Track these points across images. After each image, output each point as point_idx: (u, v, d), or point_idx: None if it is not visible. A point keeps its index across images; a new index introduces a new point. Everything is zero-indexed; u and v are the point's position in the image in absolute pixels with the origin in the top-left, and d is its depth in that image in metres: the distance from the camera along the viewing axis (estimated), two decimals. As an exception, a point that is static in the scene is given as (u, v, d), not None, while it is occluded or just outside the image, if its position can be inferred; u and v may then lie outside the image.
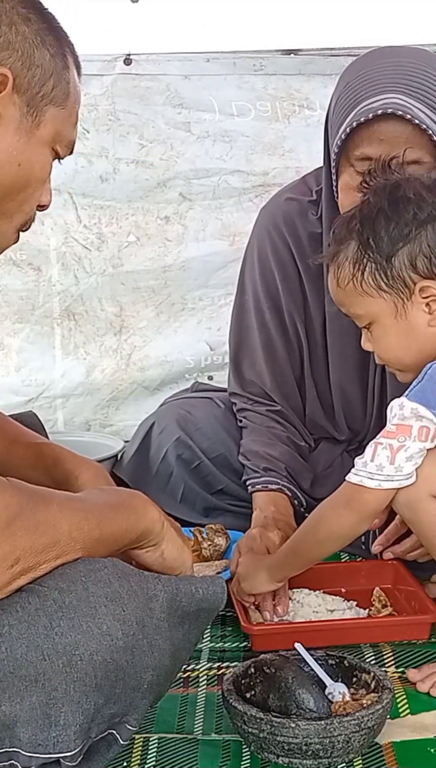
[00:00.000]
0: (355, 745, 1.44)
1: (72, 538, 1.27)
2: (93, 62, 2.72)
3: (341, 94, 1.97)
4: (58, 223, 2.82)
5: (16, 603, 1.20)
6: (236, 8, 2.70)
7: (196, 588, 1.32)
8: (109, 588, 1.23)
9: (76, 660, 1.19)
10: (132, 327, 2.91)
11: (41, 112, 1.39)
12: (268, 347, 2.25)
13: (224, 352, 2.86)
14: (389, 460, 1.56)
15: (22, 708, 1.19)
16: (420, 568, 1.98)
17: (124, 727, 1.28)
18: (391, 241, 1.58)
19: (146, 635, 1.25)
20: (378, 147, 1.87)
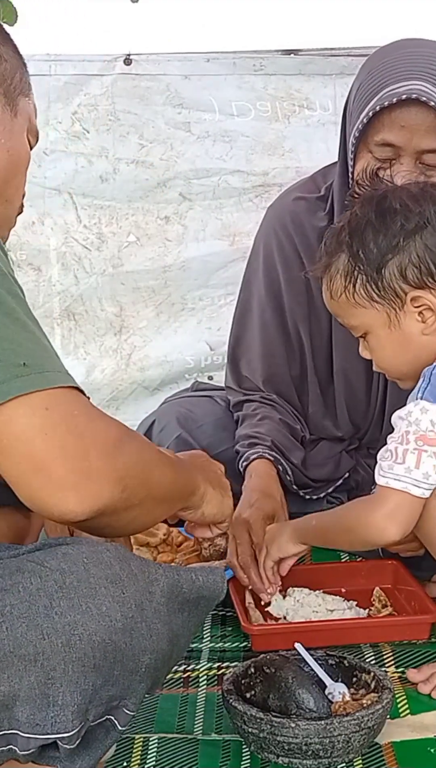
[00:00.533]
0: (355, 745, 1.44)
1: (159, 487, 1.37)
2: (93, 62, 2.72)
3: (363, 81, 1.98)
4: (58, 223, 2.82)
5: (18, 583, 1.21)
6: (236, 8, 2.70)
7: (197, 575, 1.33)
8: (109, 570, 1.24)
9: (75, 640, 1.20)
10: (132, 327, 2.91)
11: (15, 102, 1.48)
12: (266, 345, 2.25)
13: (224, 352, 2.86)
14: (415, 464, 1.52)
15: (20, 687, 1.19)
16: (420, 568, 1.98)
17: (122, 712, 1.28)
18: (380, 252, 1.59)
19: (145, 618, 1.25)
20: (399, 133, 1.88)
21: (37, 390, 1.21)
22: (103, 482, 1.24)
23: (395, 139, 1.88)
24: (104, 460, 1.24)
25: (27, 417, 1.21)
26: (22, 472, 1.22)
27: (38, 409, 1.21)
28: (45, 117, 2.74)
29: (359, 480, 2.27)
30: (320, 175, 2.26)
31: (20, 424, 1.21)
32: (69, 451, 1.22)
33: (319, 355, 2.24)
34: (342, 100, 2.73)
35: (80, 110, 2.76)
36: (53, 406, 1.22)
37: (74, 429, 1.23)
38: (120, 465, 1.27)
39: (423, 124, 1.88)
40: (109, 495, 1.25)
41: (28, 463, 1.21)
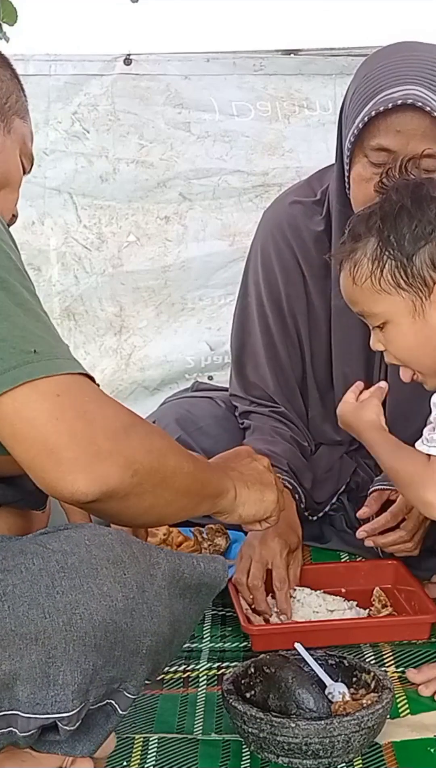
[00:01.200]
0: (355, 744, 1.44)
1: (175, 477, 1.37)
2: (93, 62, 2.72)
3: (358, 85, 1.97)
4: (58, 223, 2.83)
5: (20, 564, 1.22)
6: (236, 8, 2.70)
7: (198, 562, 1.34)
8: (111, 552, 1.25)
9: (76, 619, 1.20)
10: (132, 327, 2.91)
11: (10, 120, 1.55)
12: (270, 350, 2.25)
13: (224, 352, 2.86)
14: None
15: (21, 666, 1.20)
16: (420, 568, 1.98)
17: (123, 695, 1.28)
18: (413, 239, 1.57)
19: (146, 600, 1.26)
20: (395, 138, 1.88)
21: (47, 376, 1.24)
22: (112, 464, 1.26)
23: (390, 144, 1.87)
24: (113, 443, 1.27)
25: (38, 402, 1.23)
26: (33, 456, 1.25)
27: (49, 395, 1.24)
28: (45, 117, 2.74)
29: (359, 481, 2.27)
30: (315, 179, 2.25)
31: (32, 409, 1.23)
32: (79, 435, 1.24)
33: (318, 359, 2.23)
34: (342, 100, 2.74)
35: (80, 110, 2.76)
36: (64, 392, 1.24)
37: (84, 414, 1.25)
38: (130, 449, 1.29)
39: (419, 128, 1.87)
40: (118, 477, 1.27)
41: (39, 447, 1.24)
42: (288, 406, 2.25)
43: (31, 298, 1.29)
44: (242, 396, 2.31)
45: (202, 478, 1.47)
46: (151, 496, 1.34)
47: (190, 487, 1.44)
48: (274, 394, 2.25)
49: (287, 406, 2.25)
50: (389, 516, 1.92)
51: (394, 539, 1.92)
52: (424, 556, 2.02)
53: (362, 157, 1.93)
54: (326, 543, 2.23)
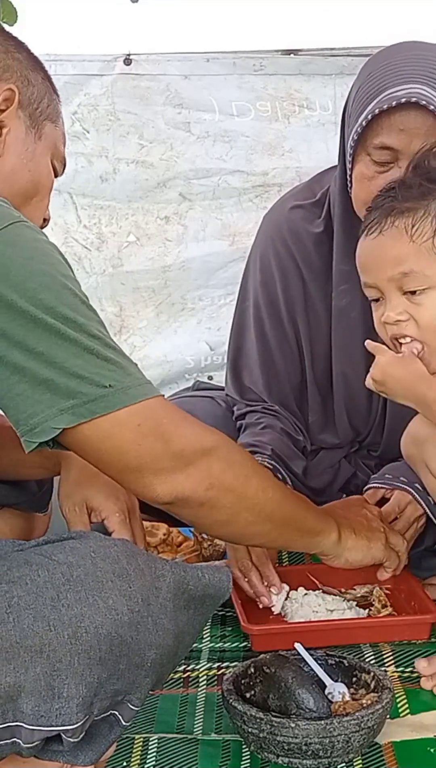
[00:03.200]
0: (355, 745, 1.44)
1: (257, 500, 1.49)
2: (93, 62, 2.72)
3: (362, 83, 1.98)
4: (58, 223, 2.82)
5: (25, 576, 1.22)
6: (236, 8, 2.70)
7: (203, 573, 1.35)
8: (117, 564, 1.25)
9: (81, 632, 1.21)
10: (132, 327, 2.91)
11: (41, 126, 1.56)
12: (265, 356, 2.25)
13: (224, 351, 2.85)
14: None
15: (26, 678, 1.20)
16: (420, 568, 1.98)
17: (127, 707, 1.29)
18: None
19: (151, 613, 1.26)
20: (398, 137, 1.88)
21: (126, 406, 1.33)
22: (187, 476, 1.38)
23: (393, 143, 1.87)
24: (189, 459, 1.38)
25: (121, 432, 1.34)
26: (118, 472, 1.38)
27: (130, 426, 1.34)
28: (45, 117, 2.74)
29: (359, 483, 2.27)
30: (315, 181, 2.25)
31: (116, 438, 1.34)
32: (159, 455, 1.36)
33: (318, 362, 2.23)
34: (342, 100, 2.72)
35: (80, 110, 2.76)
36: (143, 420, 1.35)
37: (162, 436, 1.36)
38: (206, 464, 1.40)
39: (422, 127, 1.87)
40: (191, 487, 1.38)
41: (123, 467, 1.37)
42: (281, 408, 2.25)
43: (101, 327, 1.40)
44: (237, 399, 2.31)
45: (294, 511, 1.58)
46: (227, 511, 1.45)
47: (276, 515, 1.54)
48: (266, 397, 2.25)
49: (280, 407, 2.25)
50: (380, 515, 1.92)
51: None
52: (424, 556, 2.02)
53: (364, 155, 1.93)
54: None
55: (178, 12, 2.70)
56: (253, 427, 2.22)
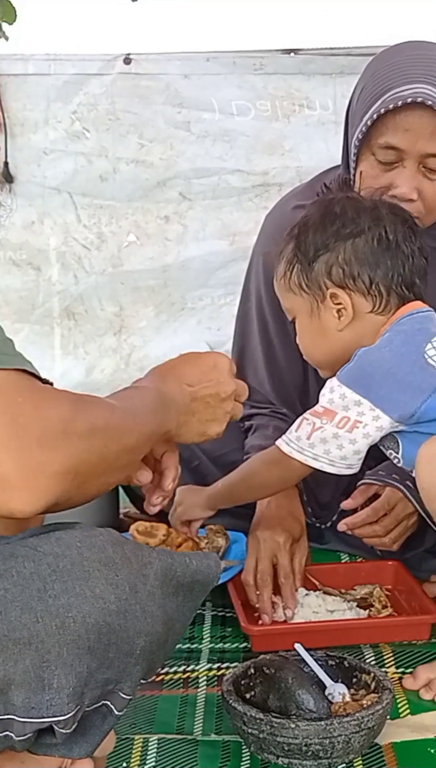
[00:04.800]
0: (355, 745, 1.43)
1: (118, 453, 1.32)
2: (93, 62, 2.72)
3: (366, 83, 1.97)
4: (58, 223, 2.82)
5: (12, 568, 1.21)
6: (236, 8, 2.70)
7: (190, 559, 1.34)
8: (103, 553, 1.25)
9: (69, 622, 1.20)
10: (132, 327, 2.91)
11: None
12: (269, 355, 2.25)
13: (224, 351, 2.85)
14: (307, 435, 1.68)
15: (15, 671, 1.19)
16: (420, 568, 1.98)
17: (118, 696, 1.28)
18: (315, 247, 1.73)
19: (139, 600, 1.25)
20: (403, 136, 1.88)
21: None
22: (49, 477, 1.21)
23: (398, 143, 1.88)
24: (50, 452, 1.20)
25: None
26: None
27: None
28: (45, 116, 2.74)
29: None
30: (317, 181, 2.25)
31: None
32: (12, 445, 1.18)
33: None
34: (342, 99, 2.74)
35: (80, 110, 2.76)
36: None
37: (17, 419, 1.19)
38: (68, 454, 1.22)
39: (428, 127, 1.87)
40: (57, 488, 1.22)
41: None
42: (288, 411, 2.25)
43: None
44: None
45: (147, 436, 1.41)
46: (97, 483, 1.30)
47: (136, 448, 1.39)
48: (273, 400, 2.25)
49: (287, 410, 2.25)
50: (370, 511, 1.93)
51: (368, 532, 1.93)
52: (424, 558, 2.02)
53: (369, 155, 1.93)
54: (326, 543, 2.23)
55: (178, 12, 2.70)
56: (263, 429, 2.21)
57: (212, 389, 1.58)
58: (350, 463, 1.68)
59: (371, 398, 1.63)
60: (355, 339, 1.71)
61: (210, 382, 1.58)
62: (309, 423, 1.68)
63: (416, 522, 1.94)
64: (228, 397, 1.60)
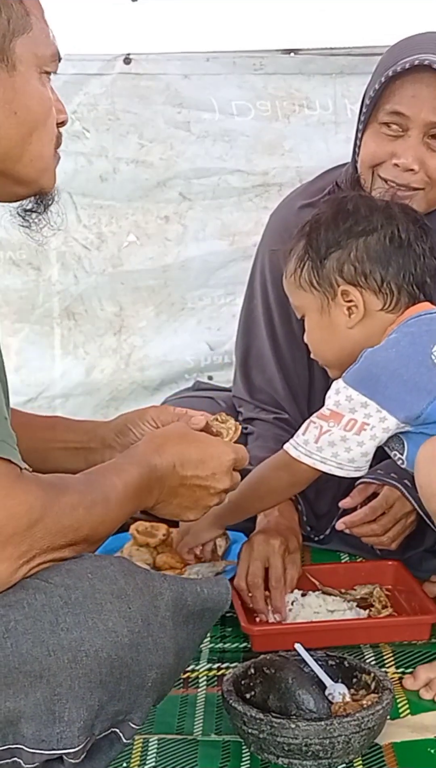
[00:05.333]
0: (355, 745, 1.43)
1: (87, 535, 1.31)
2: (93, 62, 2.72)
3: (382, 60, 2.03)
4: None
5: (22, 599, 1.21)
6: (236, 8, 2.70)
7: (202, 588, 1.33)
8: (115, 585, 1.24)
9: (81, 656, 1.20)
10: (132, 327, 2.91)
11: (10, 52, 1.35)
12: (278, 354, 2.25)
13: (224, 352, 2.86)
14: (315, 438, 1.68)
15: (26, 703, 1.19)
16: (420, 568, 1.98)
17: (128, 726, 1.28)
18: (327, 245, 1.75)
19: (151, 633, 1.25)
20: (409, 102, 1.93)
21: None
22: (5, 567, 1.22)
23: (404, 109, 1.93)
24: (12, 545, 1.22)
25: None
26: None
27: None
28: (45, 116, 2.73)
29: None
30: (319, 178, 2.26)
31: None
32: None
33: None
34: (342, 99, 2.74)
35: (80, 110, 2.76)
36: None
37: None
38: (31, 546, 1.24)
39: (433, 94, 1.90)
40: (15, 577, 1.23)
41: None
42: (294, 411, 2.24)
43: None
44: (247, 400, 2.30)
45: (120, 519, 1.40)
46: (58, 560, 1.29)
47: (104, 538, 1.38)
48: (282, 399, 2.24)
49: (293, 411, 2.24)
50: (368, 510, 1.93)
51: (366, 531, 1.94)
52: (424, 558, 2.02)
53: (375, 124, 1.97)
54: (326, 543, 2.23)
55: (178, 11, 2.70)
56: (264, 441, 2.21)
57: (205, 481, 1.54)
58: (358, 465, 1.67)
59: (377, 399, 1.63)
60: (364, 337, 1.72)
61: (205, 472, 1.53)
62: (316, 426, 1.67)
63: (414, 521, 1.94)
64: (217, 494, 1.56)
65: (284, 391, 2.25)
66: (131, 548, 1.97)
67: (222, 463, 1.55)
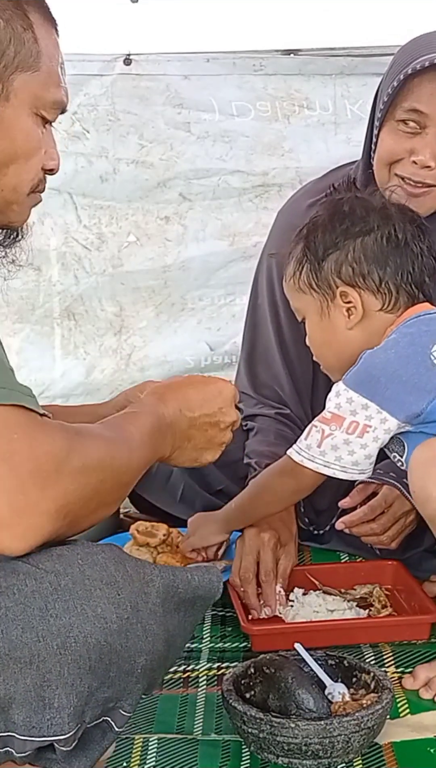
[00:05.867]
0: (355, 745, 1.44)
1: (111, 489, 1.33)
2: (93, 62, 2.72)
3: (397, 57, 2.03)
4: (58, 223, 2.82)
5: (13, 585, 1.21)
6: (236, 8, 2.70)
7: (192, 575, 1.33)
8: (105, 572, 1.24)
9: (70, 642, 1.20)
10: (132, 327, 2.91)
11: (8, 82, 1.37)
12: (283, 350, 2.25)
13: (224, 352, 2.86)
14: (317, 443, 1.67)
15: (16, 690, 1.19)
16: (420, 568, 1.98)
17: (119, 713, 1.28)
18: (324, 246, 1.75)
19: (140, 619, 1.25)
20: (428, 100, 1.94)
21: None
22: (41, 516, 1.22)
23: (422, 107, 1.93)
24: (42, 490, 1.21)
25: None
26: None
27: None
28: (45, 117, 2.74)
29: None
30: (323, 177, 2.27)
31: None
32: (4, 484, 1.19)
33: None
34: (342, 100, 2.75)
35: (80, 110, 2.76)
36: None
37: (11, 457, 1.20)
38: (60, 493, 1.23)
39: None
40: (48, 528, 1.24)
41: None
42: (297, 408, 2.24)
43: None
44: (250, 395, 2.30)
45: (142, 466, 1.42)
46: (89, 519, 1.31)
47: (131, 481, 1.39)
48: (287, 395, 2.25)
49: (296, 408, 2.24)
50: (367, 509, 1.94)
51: (365, 531, 1.94)
52: (424, 558, 2.02)
53: (392, 122, 1.98)
54: (326, 543, 2.23)
55: (178, 12, 2.70)
56: (265, 435, 2.21)
57: (213, 417, 1.58)
58: (362, 468, 1.67)
59: (377, 401, 1.63)
60: (364, 338, 1.71)
61: (211, 409, 1.57)
62: (318, 430, 1.67)
63: (414, 520, 1.94)
64: (227, 427, 1.60)
65: (288, 387, 2.25)
66: (131, 548, 1.97)
67: (226, 397, 1.60)
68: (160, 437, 1.48)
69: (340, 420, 1.65)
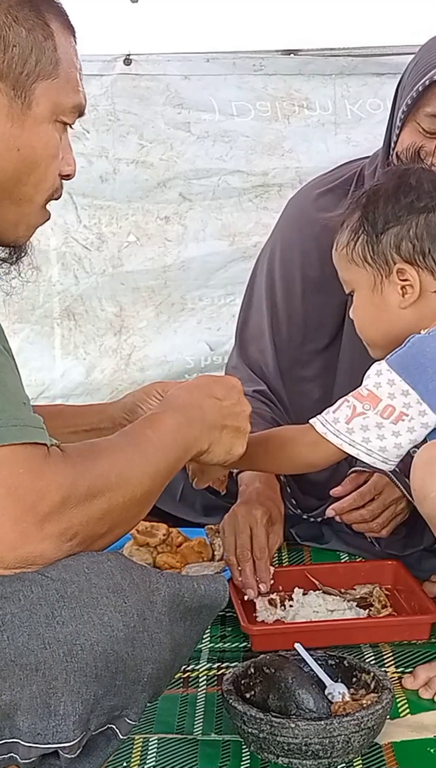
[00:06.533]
0: (355, 745, 1.44)
1: (123, 501, 1.32)
2: (93, 62, 2.72)
3: (420, 57, 2.03)
4: (58, 223, 2.82)
5: (18, 591, 1.21)
6: (236, 8, 2.70)
7: (199, 584, 1.33)
8: (111, 580, 1.24)
9: (76, 650, 1.20)
10: (132, 327, 2.91)
11: (30, 92, 1.38)
12: (273, 328, 2.25)
13: (224, 352, 2.86)
14: (346, 418, 1.59)
15: (22, 697, 1.19)
16: (420, 569, 1.98)
17: (124, 721, 1.28)
18: (385, 219, 1.66)
19: (147, 628, 1.25)
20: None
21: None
22: (44, 541, 1.24)
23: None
24: (47, 516, 1.24)
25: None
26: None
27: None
28: (45, 117, 2.74)
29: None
30: (337, 170, 2.28)
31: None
32: (9, 512, 1.22)
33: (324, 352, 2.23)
34: (342, 100, 2.75)
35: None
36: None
37: (15, 491, 1.22)
38: (65, 516, 1.25)
39: None
40: (50, 553, 1.25)
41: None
42: (279, 386, 2.24)
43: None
44: (238, 368, 2.30)
45: (167, 471, 1.41)
46: (105, 539, 1.32)
47: (147, 494, 1.38)
48: (269, 373, 2.25)
49: (278, 385, 2.24)
50: (357, 496, 1.94)
51: (354, 517, 1.94)
52: (423, 557, 2.02)
53: (413, 124, 1.99)
54: (326, 543, 2.24)
55: (178, 12, 2.70)
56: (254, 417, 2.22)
57: (236, 407, 1.57)
58: (387, 456, 1.58)
59: (419, 390, 1.55)
60: (415, 319, 1.64)
61: (233, 399, 1.58)
62: (349, 406, 1.59)
63: (405, 508, 1.95)
64: (247, 417, 1.60)
65: (272, 363, 2.25)
66: (131, 548, 1.97)
67: (239, 389, 1.61)
68: (191, 431, 1.47)
69: (376, 400, 1.56)
